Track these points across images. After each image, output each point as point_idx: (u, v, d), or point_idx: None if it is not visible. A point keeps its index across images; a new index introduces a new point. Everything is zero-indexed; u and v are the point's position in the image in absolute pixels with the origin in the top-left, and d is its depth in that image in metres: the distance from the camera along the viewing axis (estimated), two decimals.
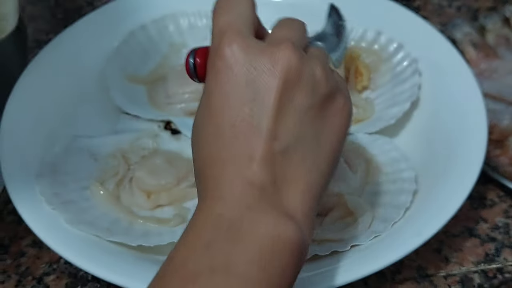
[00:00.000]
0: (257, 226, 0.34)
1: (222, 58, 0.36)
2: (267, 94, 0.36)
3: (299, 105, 0.36)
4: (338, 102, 0.38)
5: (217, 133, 0.36)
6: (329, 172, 0.38)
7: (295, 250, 0.34)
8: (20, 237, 0.54)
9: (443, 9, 0.75)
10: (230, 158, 0.36)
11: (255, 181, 0.35)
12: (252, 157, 0.35)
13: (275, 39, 0.38)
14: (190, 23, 0.65)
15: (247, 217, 0.34)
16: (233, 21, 0.37)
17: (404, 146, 0.56)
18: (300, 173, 0.36)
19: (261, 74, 0.36)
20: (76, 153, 0.55)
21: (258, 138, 0.35)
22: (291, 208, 0.35)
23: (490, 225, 0.54)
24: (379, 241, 0.47)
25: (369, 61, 0.61)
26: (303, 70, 0.37)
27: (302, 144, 0.37)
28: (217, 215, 0.34)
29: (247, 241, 0.33)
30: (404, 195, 0.50)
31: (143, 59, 0.63)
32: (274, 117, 0.36)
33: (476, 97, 0.55)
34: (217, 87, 0.36)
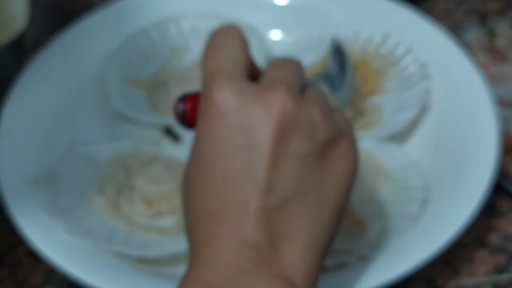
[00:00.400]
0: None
1: (213, 104, 0.35)
2: (261, 142, 0.34)
3: (297, 152, 0.34)
4: (341, 147, 0.36)
5: (208, 183, 0.35)
6: (333, 226, 0.36)
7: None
8: (17, 246, 0.53)
9: (450, 13, 0.75)
10: (222, 212, 0.34)
11: (250, 240, 0.33)
12: (247, 212, 0.33)
13: (268, 81, 0.36)
14: (193, 26, 0.64)
15: (241, 282, 0.32)
16: (223, 64, 0.36)
17: (413, 152, 0.55)
18: (300, 228, 0.34)
19: (254, 120, 0.34)
20: (75, 159, 0.54)
21: (253, 190, 0.33)
22: (290, 270, 0.33)
23: (501, 235, 0.54)
24: (388, 252, 0.46)
25: (376, 65, 0.60)
26: (299, 115, 0.35)
27: (301, 196, 0.34)
28: (207, 283, 0.32)
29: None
30: (414, 204, 0.50)
31: (144, 63, 0.62)
32: (269, 167, 0.34)
33: (487, 103, 0.55)
34: (208, 134, 0.35)
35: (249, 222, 0.33)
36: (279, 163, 0.34)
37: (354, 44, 0.61)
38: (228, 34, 0.38)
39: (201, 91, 0.37)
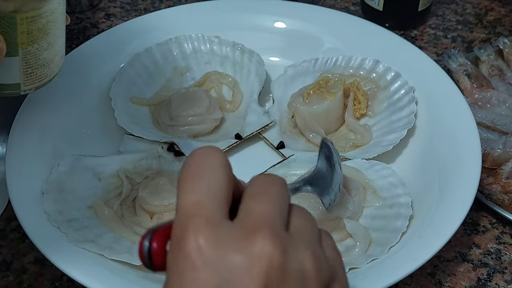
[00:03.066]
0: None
1: (187, 257, 0.29)
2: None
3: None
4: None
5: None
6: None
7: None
8: (23, 254, 0.55)
9: (439, 40, 0.77)
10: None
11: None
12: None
13: (251, 220, 0.30)
14: (194, 48, 0.67)
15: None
16: (201, 202, 0.30)
17: (400, 172, 0.57)
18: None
19: (236, 276, 0.29)
20: (81, 172, 0.56)
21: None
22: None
23: (482, 250, 0.56)
24: (376, 265, 0.49)
25: (367, 89, 0.63)
26: (288, 267, 0.29)
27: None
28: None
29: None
30: (401, 220, 0.52)
31: (147, 82, 0.65)
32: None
33: (470, 126, 0.57)
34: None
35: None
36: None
37: (346, 68, 0.64)
38: (207, 160, 0.32)
39: (173, 230, 0.30)
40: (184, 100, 0.61)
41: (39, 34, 0.46)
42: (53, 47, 0.48)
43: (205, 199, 0.30)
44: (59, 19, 0.47)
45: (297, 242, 0.31)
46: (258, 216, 0.30)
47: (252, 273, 0.29)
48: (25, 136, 0.56)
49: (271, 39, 0.68)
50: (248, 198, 0.32)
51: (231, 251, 0.29)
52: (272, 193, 0.32)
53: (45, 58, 0.48)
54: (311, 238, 0.32)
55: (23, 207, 0.51)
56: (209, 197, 0.31)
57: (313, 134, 0.61)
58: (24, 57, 0.46)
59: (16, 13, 0.44)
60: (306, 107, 0.60)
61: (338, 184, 0.48)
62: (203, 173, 0.31)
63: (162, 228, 0.32)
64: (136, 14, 0.79)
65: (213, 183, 0.31)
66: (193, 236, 0.29)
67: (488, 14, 0.81)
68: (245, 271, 0.29)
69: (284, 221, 0.31)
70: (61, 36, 0.49)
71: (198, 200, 0.30)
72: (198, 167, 0.32)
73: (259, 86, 0.64)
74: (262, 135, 0.61)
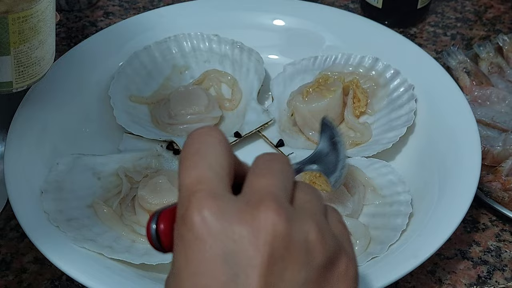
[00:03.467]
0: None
1: (192, 228, 0.29)
2: (250, 273, 0.29)
3: (292, 281, 0.29)
4: (340, 266, 0.31)
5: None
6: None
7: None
8: (22, 253, 0.55)
9: (438, 37, 0.77)
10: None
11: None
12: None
13: (255, 195, 0.30)
14: (193, 46, 0.67)
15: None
16: (203, 177, 0.30)
17: (399, 170, 0.57)
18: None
19: (241, 247, 0.29)
20: (80, 171, 0.56)
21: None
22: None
23: (482, 248, 0.56)
24: (376, 263, 0.49)
25: (366, 86, 0.63)
26: (293, 237, 0.29)
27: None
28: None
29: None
30: (401, 218, 0.52)
31: (146, 80, 0.65)
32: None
33: (470, 124, 0.57)
34: (187, 265, 0.29)
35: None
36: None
37: (346, 66, 0.64)
38: (206, 138, 0.32)
39: (177, 209, 0.31)
40: (183, 99, 0.61)
41: (31, 34, 0.46)
42: (44, 45, 0.48)
43: (207, 174, 0.31)
44: (50, 18, 0.48)
45: (301, 214, 0.31)
46: (261, 189, 0.31)
47: (257, 244, 0.29)
48: (24, 135, 0.56)
49: (270, 37, 0.68)
50: (251, 174, 0.32)
51: (235, 223, 0.29)
52: (275, 168, 0.32)
53: (36, 57, 0.48)
54: (315, 210, 0.32)
55: (22, 206, 0.51)
56: (211, 172, 0.31)
57: (313, 132, 0.61)
58: (16, 56, 0.47)
59: (7, 14, 0.44)
60: (306, 105, 0.60)
61: (343, 162, 0.48)
62: (203, 150, 0.31)
63: (168, 209, 0.32)
64: (134, 12, 0.79)
65: (214, 159, 0.31)
66: (197, 209, 0.29)
67: (488, 11, 0.81)
68: (250, 241, 0.29)
69: (288, 195, 0.32)
70: (52, 34, 0.49)
71: (200, 175, 0.30)
72: (198, 146, 0.32)
73: (258, 84, 0.64)
74: (262, 133, 0.61)
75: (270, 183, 0.31)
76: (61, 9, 0.79)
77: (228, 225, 0.29)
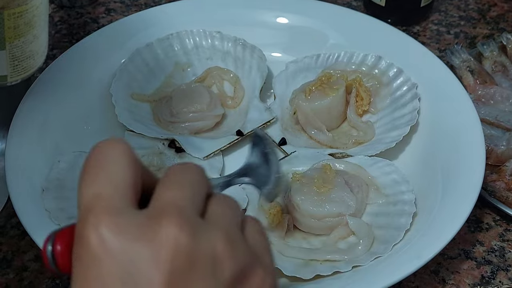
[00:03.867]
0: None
1: (88, 248, 0.27)
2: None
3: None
4: (254, 279, 0.30)
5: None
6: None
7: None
8: (23, 251, 0.54)
9: (441, 36, 0.77)
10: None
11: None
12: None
13: (158, 207, 0.29)
14: (195, 43, 0.66)
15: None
16: (101, 192, 0.29)
17: (403, 169, 0.57)
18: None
19: (140, 265, 0.27)
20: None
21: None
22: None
23: (486, 248, 0.56)
24: (379, 263, 0.48)
25: (369, 85, 0.63)
26: (197, 250, 0.28)
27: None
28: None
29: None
30: (404, 217, 0.51)
31: (148, 78, 0.64)
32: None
33: (474, 123, 0.57)
34: (85, 287, 0.28)
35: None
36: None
37: (348, 64, 0.64)
38: (108, 151, 0.30)
39: (76, 228, 0.29)
40: (185, 96, 0.61)
41: (26, 28, 0.46)
42: (38, 40, 0.48)
43: (105, 190, 0.29)
44: (44, 12, 0.48)
45: (210, 226, 0.29)
46: (166, 201, 0.29)
47: (157, 262, 0.27)
48: (25, 132, 0.56)
49: (273, 34, 0.68)
50: (159, 186, 0.30)
51: (135, 239, 0.27)
52: (184, 179, 0.31)
53: (31, 51, 0.48)
54: (227, 222, 0.30)
55: (23, 204, 0.51)
56: (110, 188, 0.29)
57: (315, 130, 0.61)
58: (10, 50, 0.47)
59: (3, 9, 0.44)
60: (308, 103, 0.60)
61: (276, 174, 0.45)
62: (103, 164, 0.30)
63: (66, 229, 0.30)
64: (136, 9, 0.79)
65: (114, 174, 0.29)
66: (94, 226, 0.28)
67: (491, 9, 0.81)
68: (149, 260, 0.27)
69: (197, 207, 0.30)
70: (45, 28, 0.49)
71: (97, 192, 0.29)
72: (98, 160, 0.30)
73: (260, 82, 0.64)
74: (264, 131, 0.61)
75: (177, 195, 0.29)
76: (63, 6, 0.79)
77: (127, 243, 0.27)
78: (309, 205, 0.51)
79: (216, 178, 0.44)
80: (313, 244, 0.52)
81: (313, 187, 0.52)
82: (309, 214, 0.52)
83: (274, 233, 0.51)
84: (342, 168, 0.56)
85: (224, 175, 0.57)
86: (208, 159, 0.58)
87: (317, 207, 0.51)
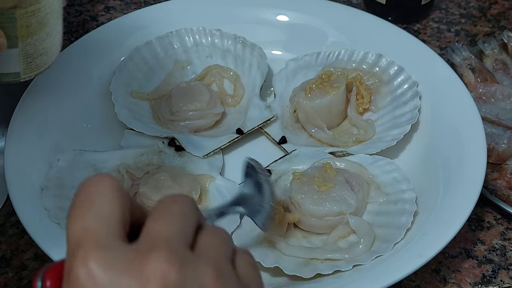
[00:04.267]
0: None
1: (77, 283, 0.27)
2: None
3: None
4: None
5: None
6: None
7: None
8: (22, 250, 0.54)
9: (442, 33, 0.77)
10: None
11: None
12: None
13: (147, 241, 0.29)
14: (195, 41, 0.66)
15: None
16: (89, 227, 0.29)
17: (403, 167, 0.56)
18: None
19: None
20: (81, 167, 0.55)
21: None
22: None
23: (487, 247, 0.55)
24: (380, 262, 0.48)
25: (370, 83, 0.62)
26: (186, 286, 0.28)
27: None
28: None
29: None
30: (405, 216, 0.51)
31: (148, 76, 0.64)
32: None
33: (475, 121, 0.57)
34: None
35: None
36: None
37: (349, 62, 0.64)
38: (96, 186, 0.30)
39: (65, 264, 0.29)
40: (184, 95, 0.61)
41: (38, 27, 0.46)
42: (51, 37, 0.48)
43: (93, 225, 0.29)
44: (57, 9, 0.48)
45: (199, 260, 0.29)
46: (155, 235, 0.29)
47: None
48: (25, 130, 0.56)
49: (273, 32, 0.68)
50: (149, 219, 0.30)
51: (123, 274, 0.27)
52: (173, 212, 0.30)
53: (44, 48, 0.48)
54: (218, 255, 0.30)
55: (22, 202, 0.50)
56: (98, 222, 0.29)
57: (315, 129, 0.60)
58: (23, 48, 0.47)
59: (15, 9, 0.44)
60: (309, 101, 0.60)
61: (269, 203, 0.47)
62: (92, 199, 0.30)
63: (56, 264, 0.30)
64: (135, 7, 0.78)
65: (103, 208, 0.29)
66: (82, 262, 0.28)
67: (492, 7, 0.81)
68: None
69: (186, 240, 0.30)
70: (59, 24, 0.49)
71: (85, 227, 0.29)
72: (87, 194, 0.30)
73: (261, 80, 0.63)
74: (264, 130, 0.61)
75: (165, 228, 0.29)
76: None
77: (115, 277, 0.27)
78: (310, 203, 0.51)
79: (209, 210, 0.44)
80: (314, 243, 0.52)
81: (313, 186, 0.52)
82: (310, 213, 0.51)
83: (274, 231, 0.51)
84: (343, 166, 0.56)
85: (223, 175, 0.57)
86: (208, 157, 0.58)
87: (317, 206, 0.51)
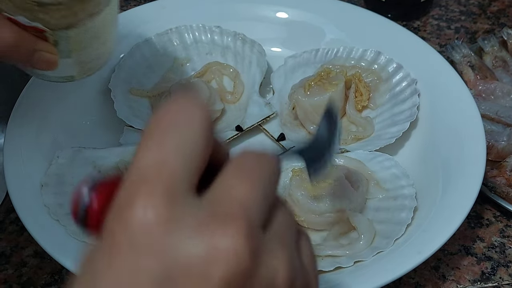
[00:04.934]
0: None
1: (127, 231, 0.22)
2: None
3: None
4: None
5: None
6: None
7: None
8: (22, 247, 0.54)
9: (442, 31, 0.77)
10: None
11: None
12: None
13: (224, 205, 0.23)
14: (195, 38, 0.66)
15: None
16: (166, 162, 0.23)
17: (403, 165, 0.56)
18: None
19: (184, 275, 0.22)
20: (81, 164, 0.55)
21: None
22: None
23: (486, 244, 0.55)
24: (381, 258, 0.48)
25: (369, 80, 0.62)
26: (258, 275, 0.23)
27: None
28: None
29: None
30: (405, 211, 0.51)
31: (147, 73, 0.64)
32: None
33: (475, 118, 0.56)
34: (108, 275, 0.22)
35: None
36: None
37: (348, 59, 0.63)
38: (182, 110, 0.24)
39: (119, 191, 0.23)
40: (184, 91, 0.61)
41: (92, 40, 0.47)
42: (105, 44, 0.49)
43: (171, 159, 0.23)
44: (112, 19, 0.48)
45: (273, 244, 0.24)
46: (236, 200, 0.23)
47: (208, 275, 0.22)
48: (24, 127, 0.56)
49: (272, 29, 0.68)
50: (230, 174, 0.24)
51: (187, 238, 0.22)
52: (261, 175, 0.25)
53: (97, 54, 0.49)
54: (290, 240, 0.25)
55: (22, 199, 0.50)
56: (177, 159, 0.23)
57: (314, 126, 0.60)
58: (77, 58, 0.47)
59: (69, 29, 0.44)
60: (307, 98, 0.59)
61: (331, 155, 0.41)
62: (174, 127, 0.23)
63: (108, 182, 0.24)
64: (135, 4, 0.78)
65: (186, 142, 0.23)
66: (142, 206, 0.22)
67: (492, 4, 0.81)
68: (200, 272, 0.22)
69: (265, 214, 0.25)
70: (114, 31, 0.49)
71: (162, 160, 0.23)
72: (168, 120, 0.24)
73: (260, 77, 0.63)
74: (263, 127, 0.61)
75: (248, 195, 0.24)
76: None
77: (178, 241, 0.22)
78: (309, 200, 0.51)
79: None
80: (314, 240, 0.51)
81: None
82: (309, 210, 0.51)
83: None
84: (342, 163, 0.56)
85: None
86: None
87: (317, 203, 0.51)
